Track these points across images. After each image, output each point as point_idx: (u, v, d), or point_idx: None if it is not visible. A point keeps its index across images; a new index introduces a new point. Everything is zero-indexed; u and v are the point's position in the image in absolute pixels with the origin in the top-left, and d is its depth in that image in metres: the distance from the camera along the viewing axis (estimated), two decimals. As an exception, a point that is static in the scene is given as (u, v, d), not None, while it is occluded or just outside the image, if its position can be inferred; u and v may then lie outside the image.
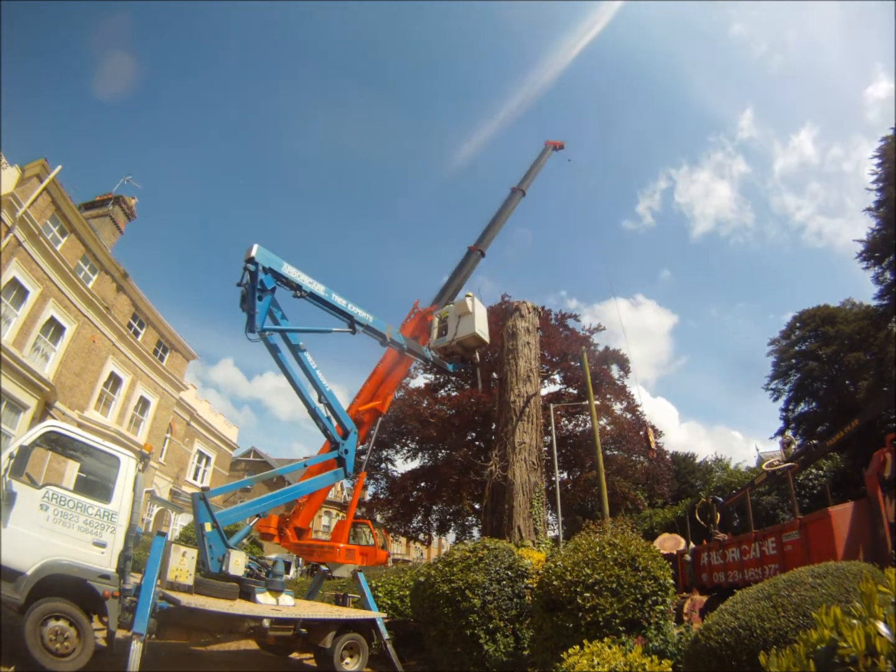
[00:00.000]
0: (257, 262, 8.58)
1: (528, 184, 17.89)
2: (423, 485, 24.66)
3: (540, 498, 14.78)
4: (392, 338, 11.48)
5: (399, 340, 11.85)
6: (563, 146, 20.62)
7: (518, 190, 17.43)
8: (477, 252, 15.46)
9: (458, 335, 13.83)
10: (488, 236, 15.97)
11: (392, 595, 11.10)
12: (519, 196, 17.38)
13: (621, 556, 6.55)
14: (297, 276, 9.38)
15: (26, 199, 16.89)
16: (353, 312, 10.45)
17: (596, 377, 22.33)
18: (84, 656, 5.88)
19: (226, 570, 7.53)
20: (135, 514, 6.78)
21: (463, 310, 14.09)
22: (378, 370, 12.24)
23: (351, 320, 10.40)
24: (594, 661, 4.69)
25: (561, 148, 20.57)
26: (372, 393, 11.97)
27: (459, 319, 14.15)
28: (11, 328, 17.11)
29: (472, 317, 13.65)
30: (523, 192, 17.55)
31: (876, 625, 1.87)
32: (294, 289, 9.35)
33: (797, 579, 4.72)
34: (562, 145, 20.56)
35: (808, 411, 27.49)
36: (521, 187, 17.53)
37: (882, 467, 8.07)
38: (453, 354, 14.41)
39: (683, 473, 31.76)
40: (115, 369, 22.79)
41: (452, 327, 14.03)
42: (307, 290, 9.45)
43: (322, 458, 10.35)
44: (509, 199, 17.21)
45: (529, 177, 18.18)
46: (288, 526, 10.49)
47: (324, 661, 8.23)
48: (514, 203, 17.18)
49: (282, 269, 9.06)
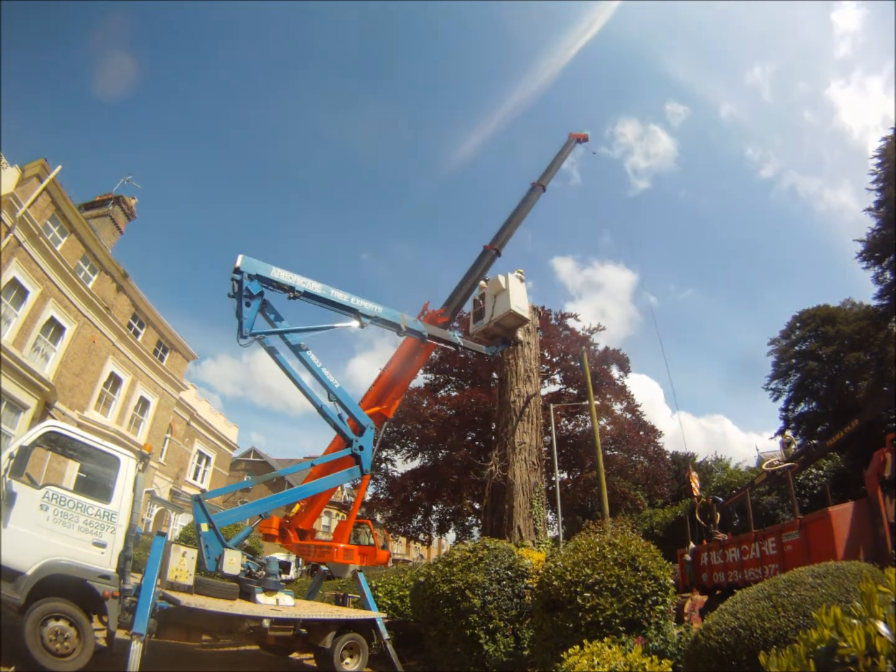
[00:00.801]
0: (242, 272, 8.59)
1: (548, 179, 16.90)
2: (423, 485, 24.67)
3: (540, 498, 14.78)
4: (408, 326, 10.82)
5: (417, 328, 11.08)
6: (587, 138, 19.67)
7: (538, 185, 16.44)
8: (492, 251, 14.47)
9: (494, 315, 12.98)
10: (505, 234, 14.96)
11: (392, 595, 11.10)
12: (539, 192, 16.40)
13: (621, 556, 6.55)
14: (289, 279, 9.27)
15: (26, 199, 16.89)
16: (356, 306, 10.07)
17: (596, 377, 22.37)
18: (84, 656, 5.88)
19: (221, 569, 7.54)
20: (135, 515, 6.78)
21: (497, 287, 13.16)
22: (384, 374, 11.80)
23: (356, 314, 10.07)
24: (594, 661, 4.69)
25: (585, 140, 19.67)
26: (377, 397, 11.52)
27: (495, 299, 13.23)
28: (11, 328, 17.12)
29: (507, 293, 12.82)
30: (543, 188, 16.53)
31: (876, 625, 1.87)
32: (287, 291, 9.26)
33: (797, 579, 4.72)
34: (586, 137, 19.62)
35: (808, 411, 27.50)
36: (542, 182, 16.57)
37: (882, 467, 8.07)
38: (495, 337, 13.74)
39: (683, 473, 31.76)
40: (115, 369, 22.78)
41: (489, 308, 13.21)
42: (301, 290, 9.33)
43: (331, 457, 10.20)
44: (529, 195, 16.20)
45: (551, 171, 17.19)
46: (290, 527, 10.45)
47: (324, 662, 8.23)
48: (533, 199, 16.21)
49: (270, 274, 8.99)
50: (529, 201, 16.08)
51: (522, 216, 15.74)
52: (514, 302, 12.68)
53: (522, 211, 15.78)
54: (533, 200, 16.19)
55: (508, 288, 12.90)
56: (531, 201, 16.13)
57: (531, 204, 16.11)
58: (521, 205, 15.92)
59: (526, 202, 16.01)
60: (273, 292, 9.36)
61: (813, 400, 27.38)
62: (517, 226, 15.49)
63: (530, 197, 16.17)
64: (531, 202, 16.12)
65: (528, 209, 15.97)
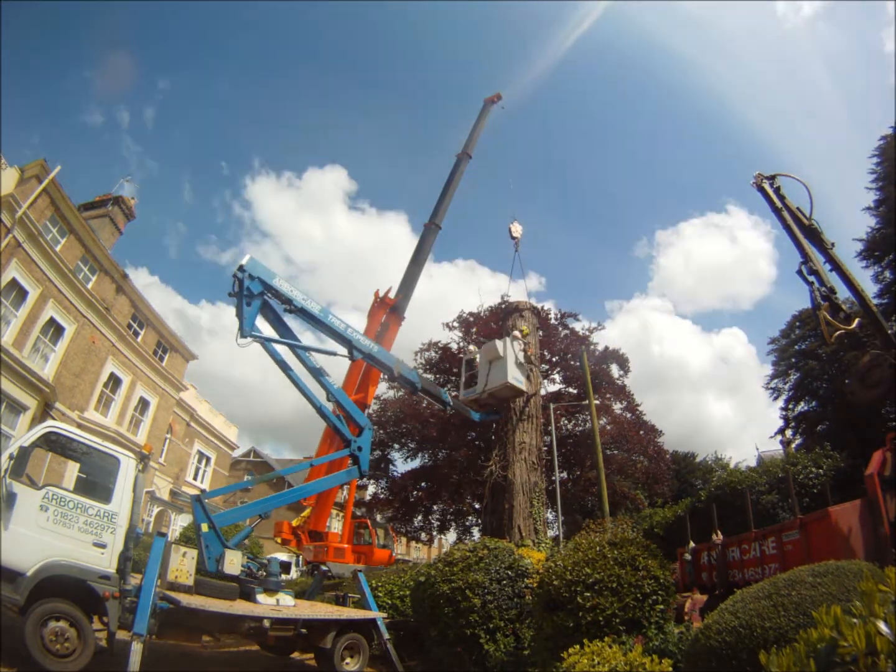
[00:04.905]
0: (245, 270, 8.59)
1: (472, 146, 17.37)
2: (423, 485, 24.65)
3: (540, 498, 14.77)
4: (402, 373, 10.55)
5: (412, 378, 10.83)
6: (500, 97, 20.00)
7: (464, 154, 16.95)
8: (433, 226, 14.93)
9: (489, 385, 12.13)
10: (442, 207, 15.47)
11: (392, 595, 11.08)
12: (466, 161, 16.93)
13: (621, 555, 6.55)
14: (290, 291, 9.22)
15: (26, 199, 16.87)
16: (352, 337, 9.82)
17: (596, 377, 22.35)
18: (84, 657, 5.88)
19: (221, 569, 7.54)
20: (135, 515, 6.78)
21: (493, 354, 12.36)
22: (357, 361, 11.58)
23: (349, 345, 9.80)
24: (594, 661, 4.69)
25: (499, 100, 19.95)
26: (355, 385, 11.46)
27: (490, 366, 12.39)
28: (11, 329, 17.10)
29: (505, 362, 12.02)
30: (469, 156, 17.05)
31: (876, 624, 1.86)
32: (285, 302, 9.23)
33: (797, 578, 4.72)
34: (499, 97, 19.97)
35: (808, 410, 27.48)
36: (467, 151, 17.08)
37: (882, 467, 8.07)
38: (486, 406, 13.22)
39: (683, 473, 31.80)
40: (115, 370, 22.77)
41: (483, 376, 12.41)
42: (298, 305, 9.26)
43: (330, 457, 10.22)
44: (457, 166, 16.67)
45: (473, 138, 17.66)
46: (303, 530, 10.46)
47: (324, 662, 8.23)
48: (462, 169, 16.73)
49: (272, 281, 8.97)
50: (459, 171, 16.59)
51: (454, 187, 16.25)
52: (511, 373, 11.97)
53: (454, 182, 16.28)
54: (462, 170, 16.74)
55: (506, 356, 12.15)
56: (460, 171, 16.66)
57: (461, 173, 16.66)
58: (452, 176, 16.44)
59: (456, 173, 16.52)
60: None
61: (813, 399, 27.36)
62: (451, 197, 16.03)
63: (459, 167, 16.68)
64: (461, 172, 16.66)
65: (458, 179, 16.49)
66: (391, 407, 24.79)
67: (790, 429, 26.81)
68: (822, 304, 8.32)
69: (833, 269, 8.61)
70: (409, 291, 13.49)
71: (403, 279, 13.89)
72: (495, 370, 12.19)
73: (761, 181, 9.12)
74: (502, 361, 12.10)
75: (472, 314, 24.62)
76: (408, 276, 13.94)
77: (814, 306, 8.53)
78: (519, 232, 18.51)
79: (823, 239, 8.62)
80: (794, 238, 8.69)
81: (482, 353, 12.81)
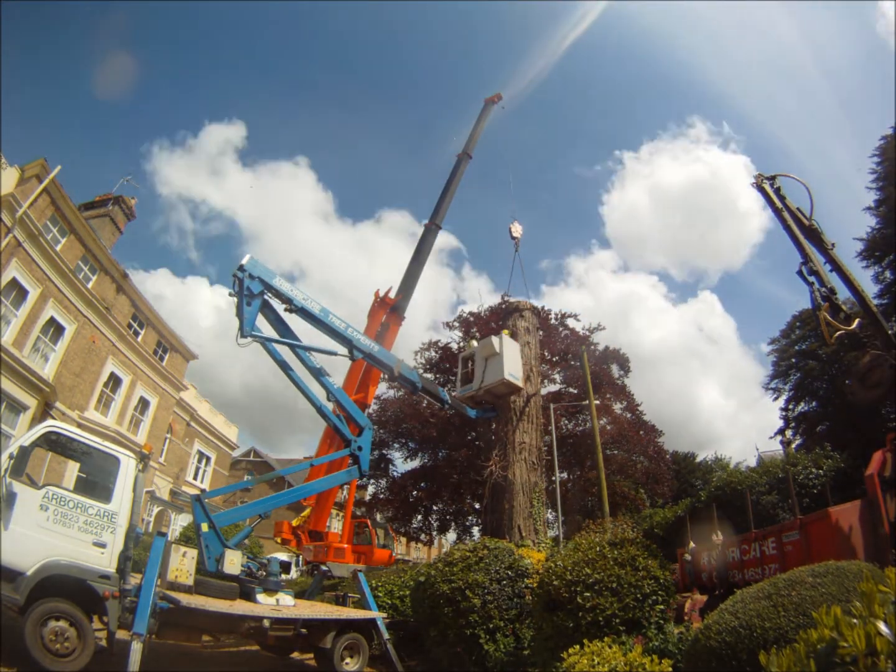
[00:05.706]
0: (245, 270, 8.62)
1: (472, 146, 17.33)
2: (423, 485, 24.65)
3: (540, 498, 14.76)
4: (402, 373, 10.58)
5: (412, 378, 10.87)
6: (500, 97, 20.01)
7: (464, 154, 16.91)
8: (433, 226, 14.91)
9: (485, 382, 12.08)
10: (443, 208, 15.42)
11: (392, 595, 11.09)
12: (466, 161, 16.89)
13: (621, 555, 6.55)
14: (290, 291, 9.25)
15: (26, 199, 16.88)
16: (352, 337, 9.87)
17: (596, 377, 22.33)
18: (84, 656, 5.88)
19: (221, 569, 7.55)
20: (135, 515, 6.79)
21: (489, 350, 12.28)
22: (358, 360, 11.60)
23: (350, 345, 9.84)
24: (594, 661, 4.69)
25: (500, 100, 19.96)
26: (356, 385, 11.49)
27: (487, 362, 12.37)
28: (11, 328, 17.10)
29: (501, 358, 11.96)
30: (469, 156, 17.01)
31: (876, 624, 1.86)
32: (285, 302, 9.27)
33: (797, 579, 4.72)
34: (500, 97, 19.99)
35: (808, 411, 27.47)
36: (467, 151, 17.03)
37: (882, 467, 8.06)
38: (482, 403, 13.17)
39: (683, 473, 31.80)
40: (115, 369, 22.77)
41: (479, 372, 12.35)
42: (298, 304, 9.29)
43: (330, 457, 10.22)
44: (457, 166, 16.60)
45: (473, 138, 17.61)
46: (303, 530, 10.46)
47: (324, 661, 8.23)
48: (462, 169, 16.66)
49: (272, 281, 9.00)
50: (459, 171, 16.53)
51: (455, 187, 16.21)
52: (507, 369, 11.93)
53: (455, 182, 16.23)
54: (462, 170, 16.68)
55: (502, 352, 12.06)
56: (461, 171, 16.59)
57: (461, 173, 16.59)
58: (453, 176, 16.37)
59: (456, 173, 16.46)
60: None
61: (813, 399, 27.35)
62: (452, 197, 16.00)
63: (459, 167, 16.61)
64: (461, 172, 16.60)
65: (459, 179, 16.43)
66: (391, 407, 24.78)
67: (790, 429, 26.80)
68: (822, 305, 8.32)
69: (833, 270, 8.61)
70: (410, 291, 13.57)
71: (404, 279, 13.93)
72: (492, 366, 12.20)
73: (762, 181, 9.12)
74: (498, 358, 12.10)
75: (473, 314, 24.66)
76: (408, 275, 13.98)
77: (814, 307, 8.53)
78: (519, 232, 18.48)
79: (824, 239, 8.61)
80: (795, 238, 8.69)
81: (478, 350, 12.78)
